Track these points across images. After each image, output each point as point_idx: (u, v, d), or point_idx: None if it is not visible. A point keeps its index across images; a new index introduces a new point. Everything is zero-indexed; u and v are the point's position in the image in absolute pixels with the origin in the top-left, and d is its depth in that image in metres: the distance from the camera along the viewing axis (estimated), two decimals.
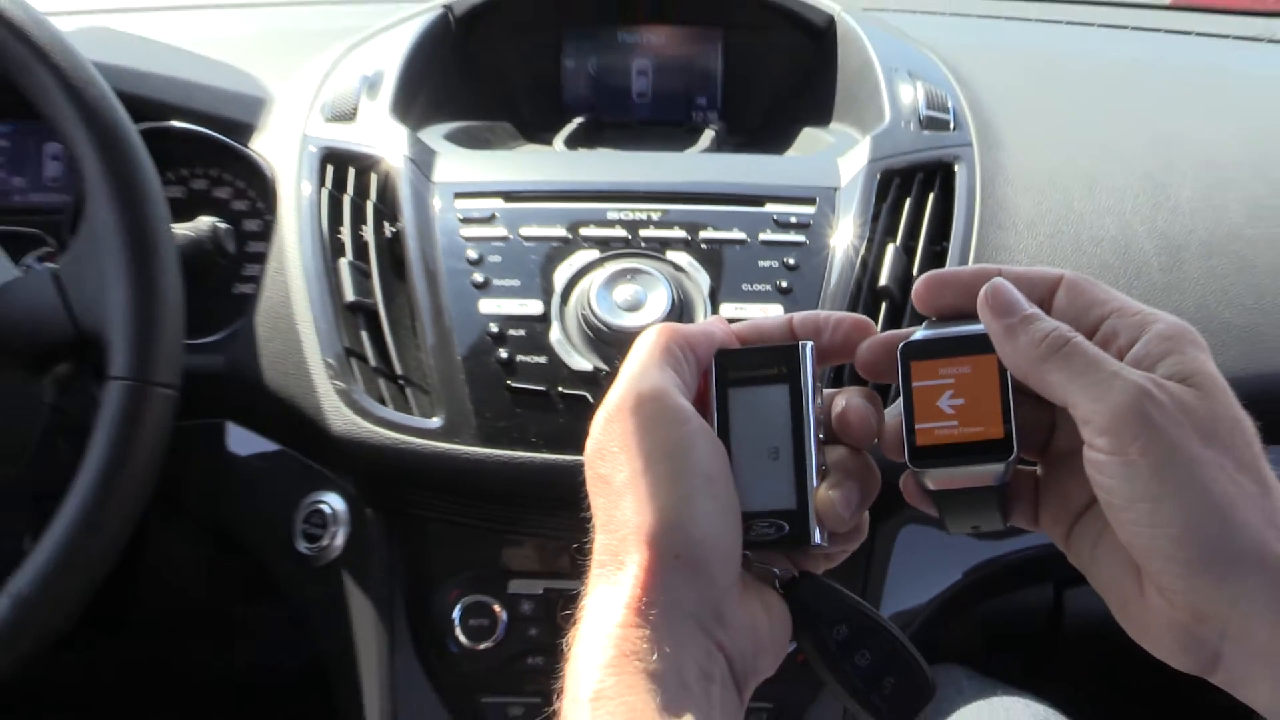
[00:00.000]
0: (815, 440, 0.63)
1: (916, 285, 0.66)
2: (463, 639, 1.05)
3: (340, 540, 1.07)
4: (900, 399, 0.63)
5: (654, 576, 0.58)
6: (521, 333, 1.03)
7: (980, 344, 0.62)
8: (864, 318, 0.67)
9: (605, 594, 0.59)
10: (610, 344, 1.01)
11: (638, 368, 0.64)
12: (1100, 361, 0.58)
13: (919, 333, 0.64)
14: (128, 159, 0.95)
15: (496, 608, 1.05)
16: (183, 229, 1.07)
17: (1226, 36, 1.57)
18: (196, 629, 1.43)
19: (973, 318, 0.62)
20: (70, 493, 0.91)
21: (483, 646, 1.05)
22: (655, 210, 1.08)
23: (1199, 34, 1.56)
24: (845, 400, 0.65)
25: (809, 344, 0.64)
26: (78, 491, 0.91)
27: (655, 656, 0.56)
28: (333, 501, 1.08)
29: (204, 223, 1.12)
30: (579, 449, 0.75)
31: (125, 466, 0.92)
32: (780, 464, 0.63)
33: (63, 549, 0.91)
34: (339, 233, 1.09)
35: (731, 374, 0.65)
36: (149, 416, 0.92)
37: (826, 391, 0.66)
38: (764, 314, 1.03)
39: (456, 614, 1.05)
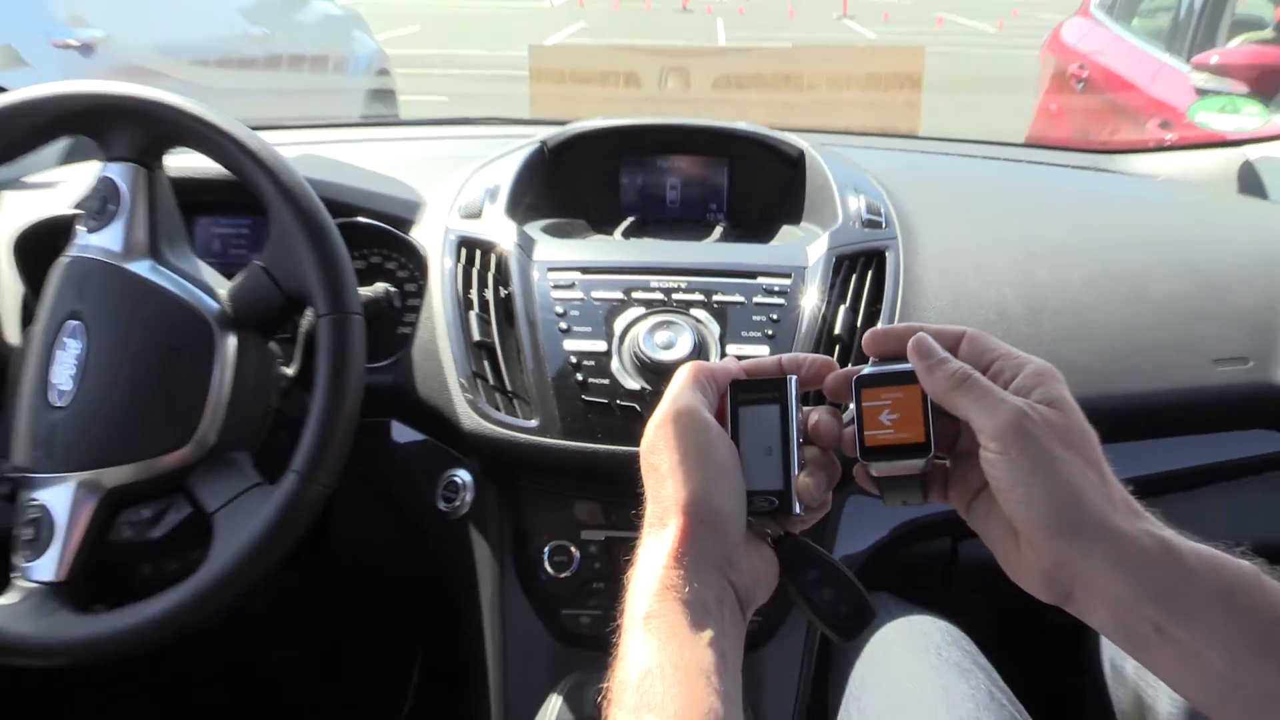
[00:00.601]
0: (797, 443, 0.64)
1: (865, 337, 0.67)
2: (549, 570, 1.05)
3: (468, 501, 1.08)
4: (854, 414, 0.64)
5: (686, 535, 0.59)
6: (592, 363, 1.03)
7: (909, 377, 0.63)
8: (829, 359, 0.68)
9: (653, 546, 0.61)
10: (652, 372, 1.02)
11: (676, 391, 0.65)
12: (991, 391, 0.59)
13: (866, 369, 0.65)
14: (316, 219, 0.96)
15: (572, 549, 1.06)
16: (365, 290, 1.08)
17: (1066, 166, 1.59)
18: (362, 564, 1.44)
19: (903, 359, 0.63)
20: (315, 389, 0.92)
21: (562, 575, 1.06)
22: (682, 281, 1.09)
23: (1047, 164, 1.60)
24: (817, 415, 0.66)
25: (793, 377, 0.65)
26: (320, 385, 0.91)
27: (687, 589, 0.58)
28: (462, 475, 1.09)
29: (379, 287, 1.13)
30: (632, 443, 0.76)
31: (348, 365, 0.92)
32: (773, 459, 0.64)
33: (320, 426, 0.91)
34: (469, 294, 1.10)
35: (741, 397, 0.66)
36: (353, 333, 0.93)
37: (804, 409, 0.66)
38: (757, 354, 1.04)
39: (545, 553, 1.06)
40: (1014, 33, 13.24)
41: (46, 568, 0.89)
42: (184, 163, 1.07)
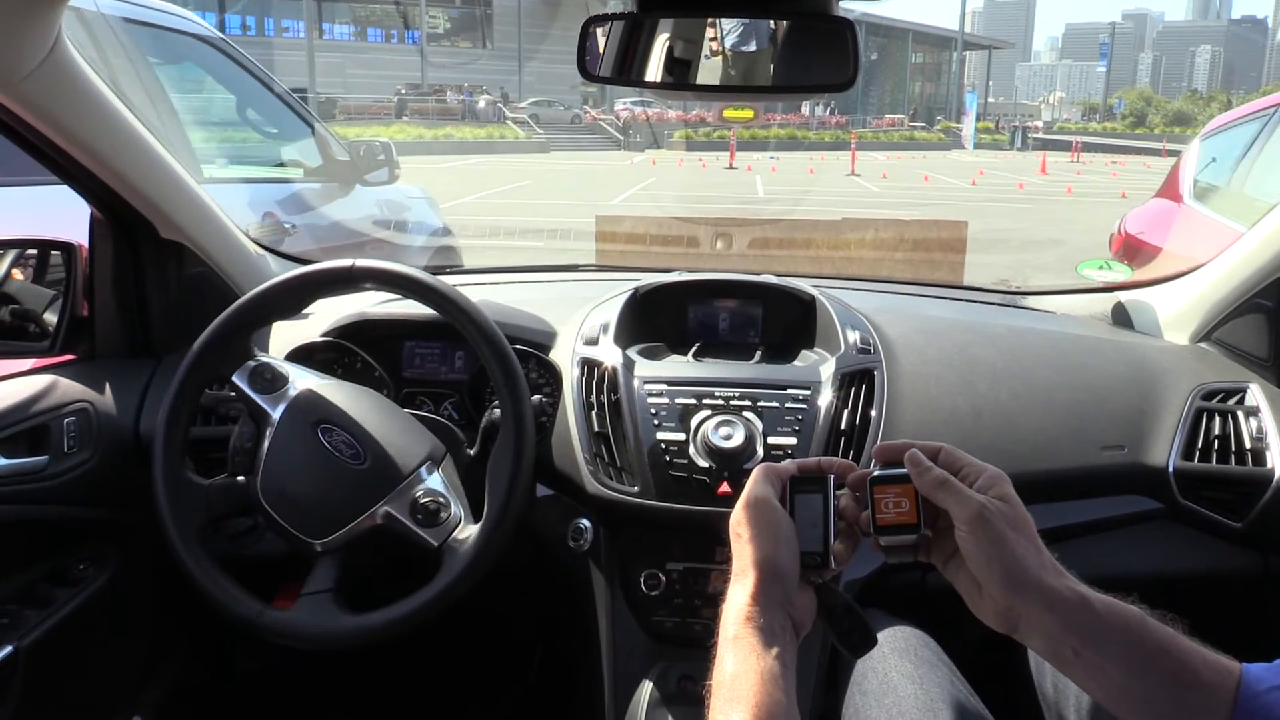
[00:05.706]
0: (832, 520, 0.65)
1: (874, 449, 0.68)
2: (644, 589, 1.06)
3: (588, 541, 1.08)
4: (869, 503, 0.65)
5: (759, 583, 0.61)
6: (675, 448, 1.05)
7: (905, 479, 0.64)
8: (852, 463, 0.68)
9: (737, 590, 0.62)
10: (717, 455, 1.03)
11: (753, 484, 0.66)
12: (962, 490, 0.61)
13: (876, 471, 0.66)
14: (515, 378, 0.97)
15: (660, 575, 1.06)
16: None
17: (991, 304, 1.51)
18: (508, 589, 1.38)
19: (901, 465, 0.65)
20: (499, 460, 0.95)
21: (653, 593, 1.06)
22: (736, 391, 1.09)
23: (978, 302, 1.52)
24: (845, 501, 0.68)
25: (831, 475, 0.67)
26: (508, 456, 0.95)
27: (761, 620, 0.59)
28: (585, 523, 1.09)
29: (535, 398, 1.11)
30: (702, 504, 0.82)
31: (525, 444, 0.96)
32: (817, 530, 0.65)
33: (508, 482, 0.93)
34: (590, 398, 1.11)
35: (796, 489, 0.66)
36: (527, 423, 0.96)
37: (838, 494, 0.67)
38: (788, 443, 1.05)
39: (641, 578, 1.06)
40: (983, 187, 13.27)
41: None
42: (404, 307, 1.11)
